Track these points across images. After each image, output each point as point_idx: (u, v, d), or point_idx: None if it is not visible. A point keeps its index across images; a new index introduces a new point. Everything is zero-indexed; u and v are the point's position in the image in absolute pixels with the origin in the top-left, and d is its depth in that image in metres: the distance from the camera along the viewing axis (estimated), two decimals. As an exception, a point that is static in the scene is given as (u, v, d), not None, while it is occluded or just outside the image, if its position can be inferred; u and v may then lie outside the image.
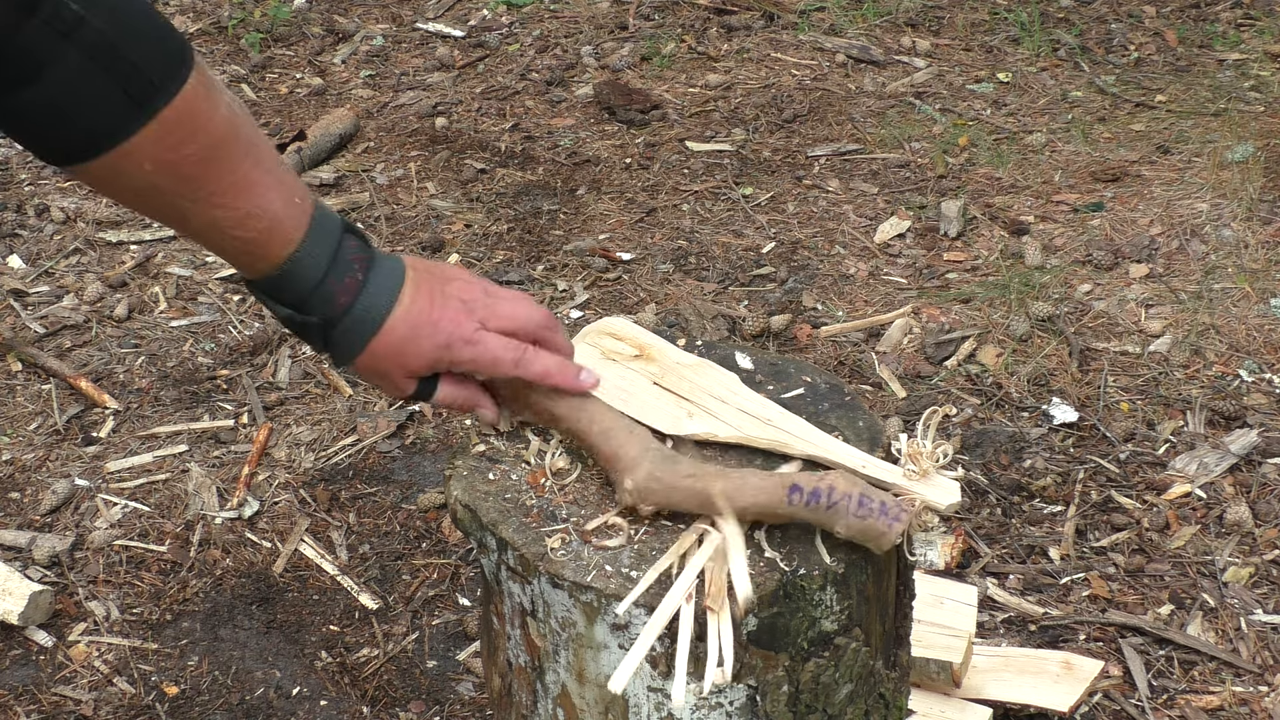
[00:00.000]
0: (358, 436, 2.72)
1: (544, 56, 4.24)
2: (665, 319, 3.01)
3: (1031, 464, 2.58)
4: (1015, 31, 4.23)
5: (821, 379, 1.47)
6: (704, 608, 1.21)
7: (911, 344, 2.92)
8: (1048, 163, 3.57)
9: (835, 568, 1.24)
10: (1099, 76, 3.96)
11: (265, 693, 2.22)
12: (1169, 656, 2.20)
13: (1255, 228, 3.23)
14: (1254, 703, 2.11)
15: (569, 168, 3.65)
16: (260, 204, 1.14)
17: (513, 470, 1.37)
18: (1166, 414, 2.69)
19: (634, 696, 1.27)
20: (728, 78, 4.05)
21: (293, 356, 2.95)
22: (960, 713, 1.96)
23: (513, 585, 1.30)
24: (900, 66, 4.08)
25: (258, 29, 4.42)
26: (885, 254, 3.25)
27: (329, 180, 3.60)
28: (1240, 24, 4.21)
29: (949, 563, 2.32)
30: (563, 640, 1.28)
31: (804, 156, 3.65)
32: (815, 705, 1.29)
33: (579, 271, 3.22)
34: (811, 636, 1.26)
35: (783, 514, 1.23)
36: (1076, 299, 3.03)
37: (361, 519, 2.54)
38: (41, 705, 2.20)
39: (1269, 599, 2.29)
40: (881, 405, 2.74)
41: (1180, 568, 2.36)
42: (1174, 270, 3.12)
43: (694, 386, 1.43)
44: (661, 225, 3.39)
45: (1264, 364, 2.81)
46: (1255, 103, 3.77)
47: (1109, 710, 2.12)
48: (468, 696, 2.20)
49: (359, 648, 2.29)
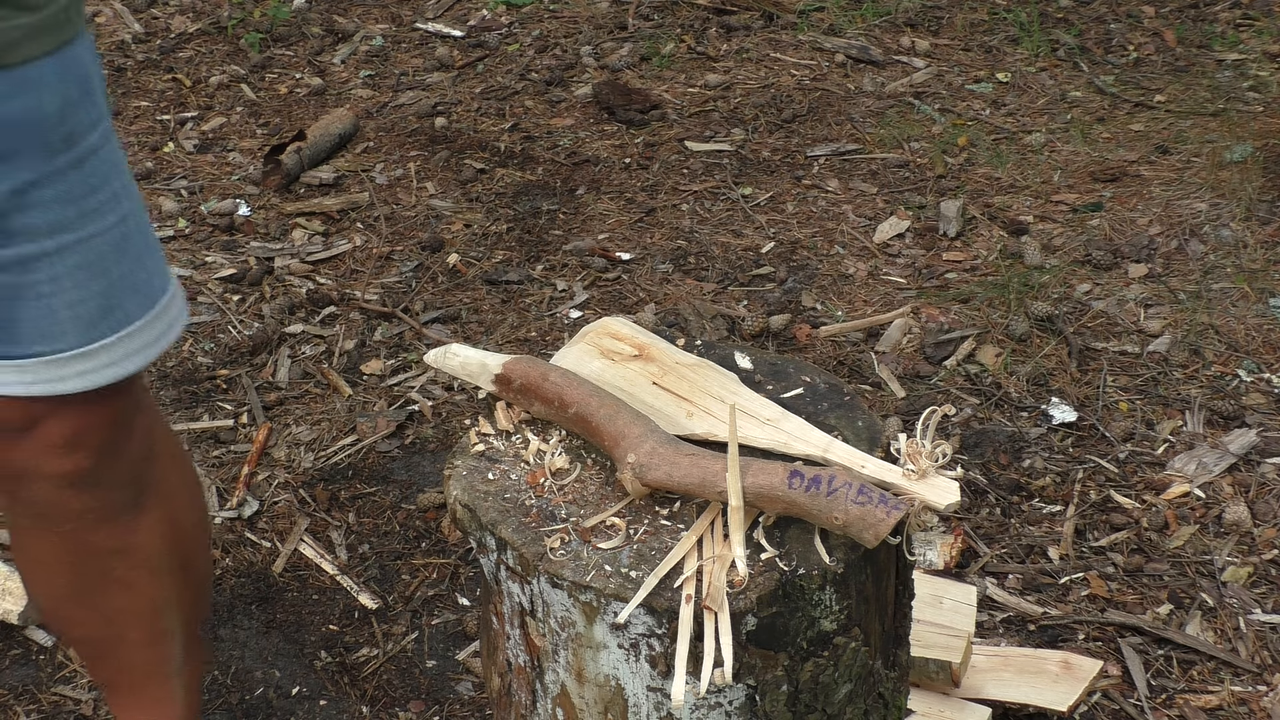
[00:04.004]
0: (357, 436, 2.72)
1: (543, 56, 4.24)
2: (665, 319, 3.01)
3: (1030, 464, 2.58)
4: (1014, 31, 4.23)
5: (821, 379, 1.47)
6: (703, 607, 1.21)
7: (911, 344, 2.93)
8: (1047, 163, 3.57)
9: (835, 568, 1.24)
10: (1098, 76, 3.97)
11: (265, 692, 2.22)
12: (1168, 656, 2.20)
13: (1254, 228, 3.24)
14: (1253, 702, 2.11)
15: (568, 168, 3.65)
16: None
17: (512, 470, 1.37)
18: (1165, 414, 2.70)
19: (633, 696, 1.27)
20: (727, 78, 4.05)
21: (292, 356, 2.96)
22: (959, 712, 1.96)
23: (512, 585, 1.30)
24: (899, 66, 4.08)
25: (257, 29, 4.42)
26: (884, 254, 3.25)
27: (329, 180, 3.60)
28: (1239, 24, 4.22)
29: (948, 562, 2.32)
30: (562, 640, 1.28)
31: (803, 156, 3.66)
32: (814, 705, 1.29)
33: (578, 271, 3.22)
34: (811, 636, 1.26)
35: (782, 498, 1.23)
36: (1076, 299, 3.03)
37: (361, 519, 2.55)
38: (41, 705, 2.20)
39: (1268, 598, 2.29)
40: (881, 405, 2.75)
41: (1179, 567, 2.36)
42: (1173, 270, 3.12)
43: (693, 386, 1.43)
44: (661, 225, 3.39)
45: (1263, 364, 2.81)
46: (1254, 103, 3.77)
47: (1108, 710, 2.12)
48: (467, 696, 2.20)
49: (358, 647, 2.30)
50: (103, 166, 1.31)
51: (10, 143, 1.20)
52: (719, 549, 1.24)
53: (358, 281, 3.21)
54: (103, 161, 1.31)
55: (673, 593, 1.22)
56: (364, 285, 3.19)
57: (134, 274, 1.36)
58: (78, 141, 1.27)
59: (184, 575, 1.66)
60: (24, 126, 1.21)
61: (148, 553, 1.58)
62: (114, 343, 1.35)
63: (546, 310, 3.09)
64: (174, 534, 1.61)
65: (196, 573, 1.71)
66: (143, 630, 1.65)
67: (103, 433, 1.41)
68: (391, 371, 2.92)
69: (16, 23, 1.16)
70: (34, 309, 1.29)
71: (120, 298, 1.35)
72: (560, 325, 3.04)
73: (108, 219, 1.32)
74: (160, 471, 1.56)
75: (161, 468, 1.57)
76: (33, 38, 1.18)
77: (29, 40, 1.18)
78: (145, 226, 1.39)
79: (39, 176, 1.24)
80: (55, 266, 1.28)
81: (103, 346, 1.34)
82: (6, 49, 1.16)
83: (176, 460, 1.63)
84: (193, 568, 1.69)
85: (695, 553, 1.25)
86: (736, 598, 1.21)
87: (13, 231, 1.25)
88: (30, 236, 1.26)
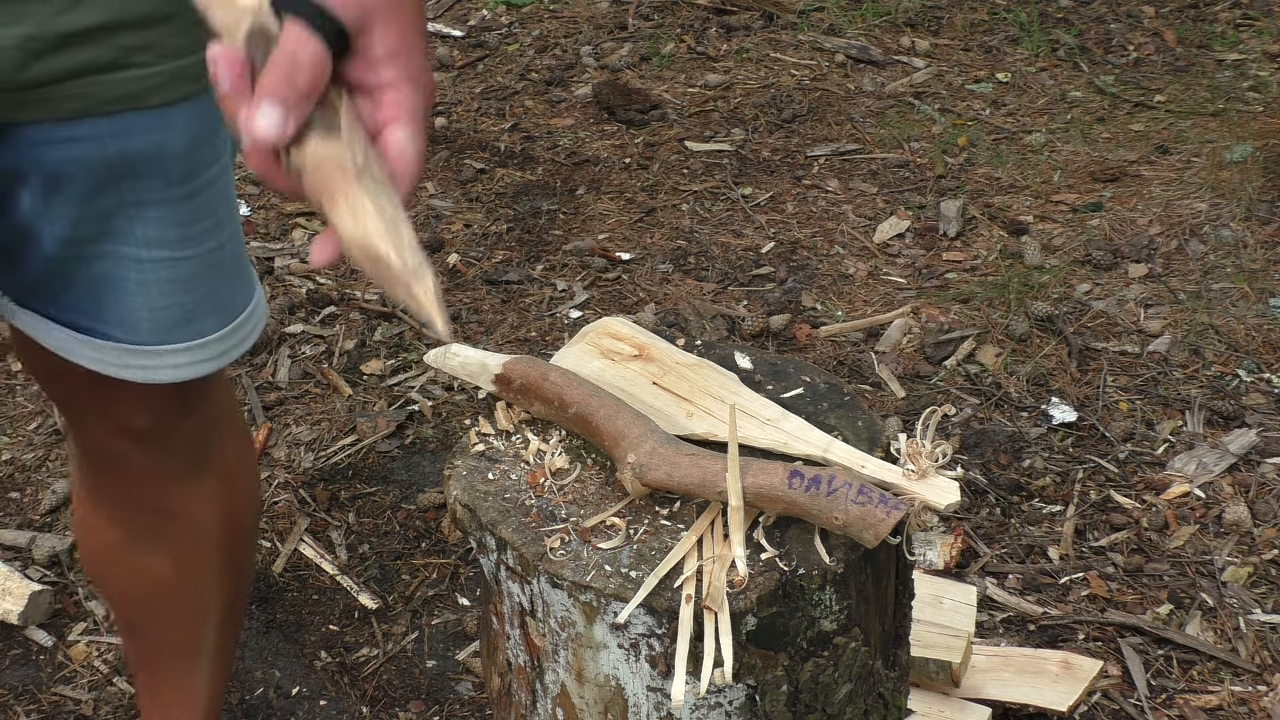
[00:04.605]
0: (357, 436, 2.72)
1: (543, 56, 4.24)
2: (665, 319, 3.01)
3: (1030, 464, 2.58)
4: (1014, 32, 4.23)
5: (821, 379, 1.47)
6: (703, 607, 1.21)
7: (911, 344, 2.93)
8: (1047, 163, 3.57)
9: (834, 567, 1.24)
10: (1098, 76, 3.97)
11: (265, 692, 2.22)
12: (1168, 656, 2.20)
13: (1254, 228, 3.24)
14: (1253, 702, 2.11)
15: (568, 168, 3.65)
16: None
17: (512, 470, 1.37)
18: (1165, 414, 2.70)
19: (633, 696, 1.27)
20: (727, 78, 4.05)
21: (292, 356, 2.96)
22: (959, 712, 1.96)
23: (512, 585, 1.30)
24: (899, 66, 4.08)
25: (257, 29, 4.42)
26: (884, 254, 3.25)
27: (328, 180, 3.60)
28: (1239, 24, 4.22)
29: (948, 562, 2.32)
30: (562, 640, 1.28)
31: (803, 156, 3.66)
32: (814, 705, 1.29)
33: (578, 271, 3.22)
34: (810, 636, 1.26)
35: (782, 498, 1.23)
36: (1076, 299, 3.03)
37: (361, 519, 2.55)
38: (41, 705, 2.20)
39: (1268, 598, 2.29)
40: (881, 405, 2.75)
41: (1179, 567, 2.36)
42: (1173, 270, 3.12)
43: (693, 386, 1.43)
44: (661, 225, 3.39)
45: (1263, 364, 2.81)
46: (1254, 103, 3.77)
47: (1108, 710, 2.12)
48: (467, 696, 2.20)
49: (358, 647, 2.30)
50: (214, 198, 1.39)
51: (135, 169, 1.31)
52: (719, 549, 1.24)
53: (358, 281, 3.21)
54: (216, 193, 1.39)
55: (673, 593, 1.22)
56: (364, 285, 3.19)
57: (218, 292, 1.44)
58: (197, 176, 1.36)
59: (229, 558, 1.70)
60: (151, 160, 1.31)
61: (198, 522, 1.63)
62: (184, 349, 1.42)
63: (546, 310, 3.09)
64: (226, 512, 1.65)
65: (241, 559, 1.74)
66: (180, 606, 1.70)
67: (167, 403, 1.48)
68: (391, 371, 2.92)
69: (158, 69, 1.27)
70: (118, 299, 1.37)
71: (201, 312, 1.42)
72: (560, 325, 3.04)
73: (206, 244, 1.40)
74: (221, 447, 1.61)
75: (223, 444, 1.62)
76: (170, 85, 1.28)
77: (166, 87, 1.28)
78: (238, 247, 1.46)
79: (153, 199, 1.33)
80: (145, 274, 1.36)
81: (172, 351, 1.41)
82: (147, 93, 1.28)
83: (239, 441, 1.68)
84: (238, 553, 1.73)
85: (695, 553, 1.25)
86: (736, 598, 1.21)
87: (114, 233, 1.34)
88: (128, 240, 1.34)
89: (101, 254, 1.35)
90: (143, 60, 1.26)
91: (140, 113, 1.28)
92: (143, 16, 1.24)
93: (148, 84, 1.27)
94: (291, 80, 0.96)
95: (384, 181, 1.00)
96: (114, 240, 1.35)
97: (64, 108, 1.25)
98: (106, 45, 1.23)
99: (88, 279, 1.36)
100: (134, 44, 1.25)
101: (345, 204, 0.98)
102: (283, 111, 0.95)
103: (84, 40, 1.22)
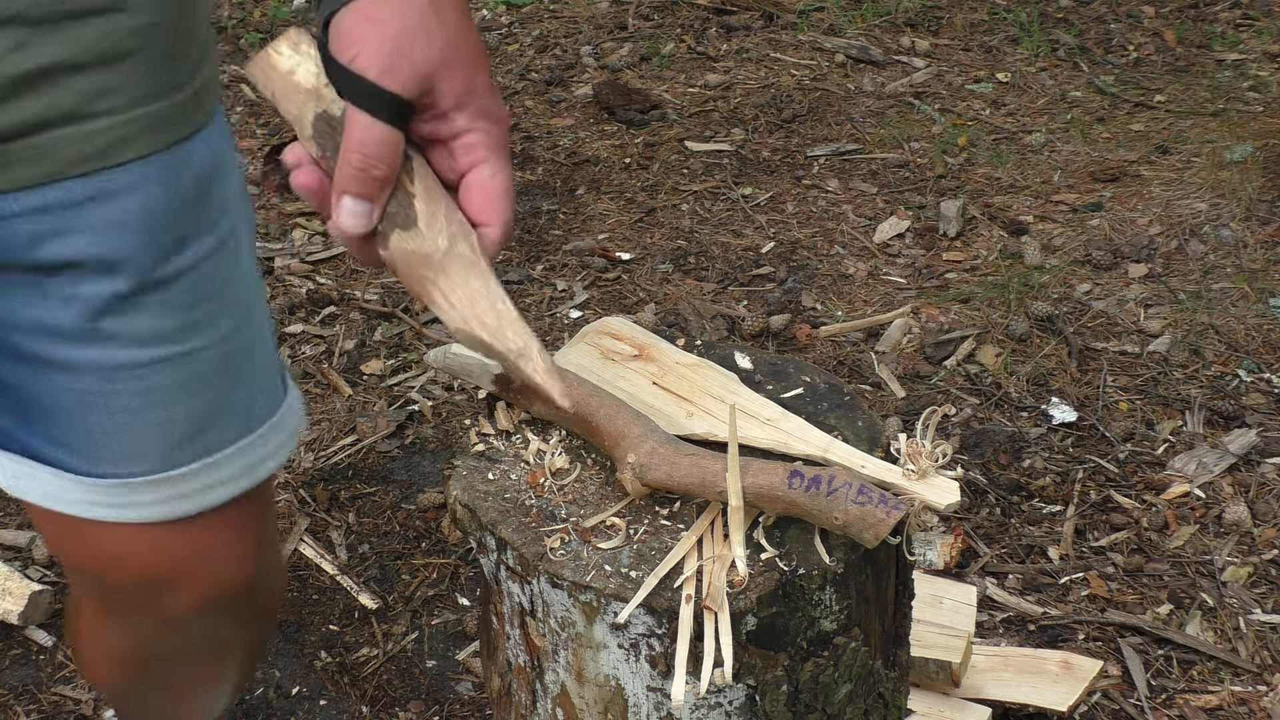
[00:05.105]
0: (357, 436, 2.72)
1: (543, 56, 4.24)
2: (665, 319, 3.01)
3: (1030, 464, 2.58)
4: (1014, 31, 4.23)
5: (821, 379, 1.48)
6: (703, 607, 1.21)
7: (911, 344, 2.93)
8: (1047, 163, 3.57)
9: (834, 567, 1.24)
10: (1098, 76, 3.97)
11: (265, 692, 2.22)
12: (1168, 656, 2.20)
13: (1254, 228, 3.24)
14: (1253, 702, 2.11)
15: (568, 168, 3.65)
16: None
17: (512, 470, 1.37)
18: (1165, 414, 2.70)
19: (633, 696, 1.27)
20: (727, 78, 4.05)
21: (292, 357, 2.96)
22: (959, 712, 1.96)
23: (512, 585, 1.30)
24: (899, 66, 4.08)
25: (257, 29, 4.42)
26: (884, 254, 3.25)
27: (328, 180, 3.60)
28: (1239, 24, 4.22)
29: (948, 562, 2.32)
30: (562, 640, 1.28)
31: (803, 156, 3.66)
32: (814, 705, 1.29)
33: (578, 271, 3.22)
34: (810, 636, 1.26)
35: (782, 498, 1.23)
36: (1076, 299, 3.03)
37: (361, 519, 2.55)
38: (41, 705, 2.20)
39: (1268, 598, 2.29)
40: (881, 405, 2.75)
41: (1179, 567, 2.36)
42: (1173, 270, 3.12)
43: (693, 386, 1.43)
44: (661, 225, 3.39)
45: (1263, 364, 2.81)
46: (1254, 103, 3.77)
47: (1108, 710, 2.12)
48: (467, 696, 2.20)
49: (358, 647, 2.30)
50: (220, 272, 1.16)
51: (114, 244, 1.08)
52: (719, 549, 1.24)
53: (358, 281, 3.21)
54: (219, 266, 1.16)
55: (673, 593, 1.22)
56: (364, 285, 3.19)
57: (234, 394, 1.20)
58: (189, 245, 1.13)
59: (251, 654, 1.50)
60: (128, 229, 1.09)
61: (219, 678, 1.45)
62: (197, 470, 1.19)
63: (546, 310, 3.09)
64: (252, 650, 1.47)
65: (253, 670, 1.56)
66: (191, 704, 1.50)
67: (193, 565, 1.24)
68: (391, 371, 2.92)
69: (129, 115, 1.06)
70: (111, 423, 1.15)
71: (212, 420, 1.19)
72: (560, 325, 3.04)
73: (216, 332, 1.17)
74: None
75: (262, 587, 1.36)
76: (141, 136, 1.08)
77: (139, 138, 1.07)
78: (260, 338, 1.23)
79: (142, 282, 1.10)
80: (145, 380, 1.14)
81: (183, 474, 1.18)
82: (114, 147, 1.06)
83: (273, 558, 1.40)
84: (259, 646, 1.51)
85: (695, 553, 1.25)
86: (736, 598, 1.21)
87: (104, 335, 1.11)
88: (122, 343, 1.12)
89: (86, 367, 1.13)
90: (107, 107, 1.05)
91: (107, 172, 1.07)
92: (101, 54, 1.03)
93: (111, 136, 1.06)
94: (366, 174, 0.98)
95: (474, 257, 1.01)
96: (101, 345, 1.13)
97: (17, 173, 1.03)
98: (63, 90, 1.02)
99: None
100: (95, 88, 1.04)
101: (439, 295, 1.01)
102: (365, 206, 0.98)
103: (35, 86, 1.01)
